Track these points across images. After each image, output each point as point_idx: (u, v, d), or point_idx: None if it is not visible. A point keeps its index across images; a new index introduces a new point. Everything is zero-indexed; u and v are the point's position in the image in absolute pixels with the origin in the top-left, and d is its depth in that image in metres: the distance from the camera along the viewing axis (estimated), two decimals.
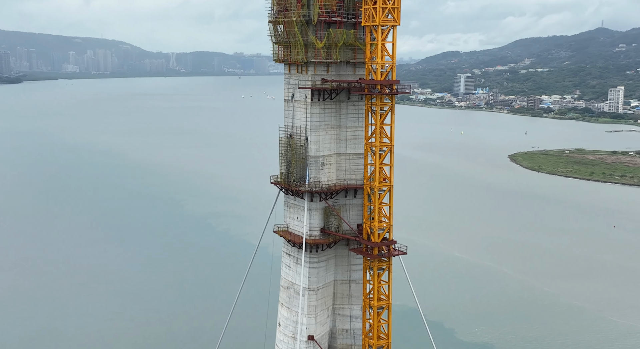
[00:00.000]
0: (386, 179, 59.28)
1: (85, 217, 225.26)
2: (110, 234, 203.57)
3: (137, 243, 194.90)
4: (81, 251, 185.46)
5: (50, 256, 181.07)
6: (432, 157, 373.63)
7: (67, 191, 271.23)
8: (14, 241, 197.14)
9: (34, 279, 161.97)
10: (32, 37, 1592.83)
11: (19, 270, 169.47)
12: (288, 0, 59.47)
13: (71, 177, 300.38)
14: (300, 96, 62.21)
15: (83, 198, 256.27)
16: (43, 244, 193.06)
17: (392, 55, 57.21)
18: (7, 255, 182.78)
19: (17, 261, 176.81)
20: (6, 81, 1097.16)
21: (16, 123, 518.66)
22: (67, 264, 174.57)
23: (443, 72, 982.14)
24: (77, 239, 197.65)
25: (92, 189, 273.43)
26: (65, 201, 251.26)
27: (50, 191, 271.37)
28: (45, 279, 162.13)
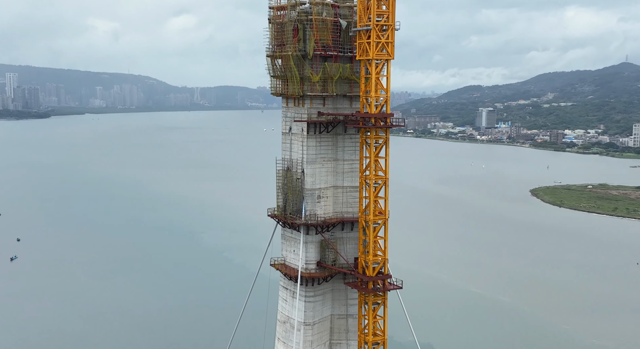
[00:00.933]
0: (381, 213, 58.93)
1: (104, 249, 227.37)
2: (125, 266, 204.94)
3: (146, 274, 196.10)
4: (97, 282, 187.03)
5: (68, 286, 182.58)
6: (452, 191, 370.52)
7: (89, 222, 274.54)
8: (34, 271, 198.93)
9: (53, 307, 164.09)
10: (62, 73, 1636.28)
11: (37, 299, 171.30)
12: (285, 35, 60.41)
13: (93, 209, 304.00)
14: (297, 129, 62.64)
15: (103, 230, 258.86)
16: (63, 274, 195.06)
17: (386, 88, 57.49)
18: (27, 284, 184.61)
19: (37, 290, 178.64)
20: (35, 116, 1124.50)
21: (42, 157, 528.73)
22: (83, 294, 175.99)
23: (465, 106, 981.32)
24: (95, 270, 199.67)
25: (112, 221, 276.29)
26: (87, 233, 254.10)
27: (72, 222, 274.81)
28: (62, 307, 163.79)
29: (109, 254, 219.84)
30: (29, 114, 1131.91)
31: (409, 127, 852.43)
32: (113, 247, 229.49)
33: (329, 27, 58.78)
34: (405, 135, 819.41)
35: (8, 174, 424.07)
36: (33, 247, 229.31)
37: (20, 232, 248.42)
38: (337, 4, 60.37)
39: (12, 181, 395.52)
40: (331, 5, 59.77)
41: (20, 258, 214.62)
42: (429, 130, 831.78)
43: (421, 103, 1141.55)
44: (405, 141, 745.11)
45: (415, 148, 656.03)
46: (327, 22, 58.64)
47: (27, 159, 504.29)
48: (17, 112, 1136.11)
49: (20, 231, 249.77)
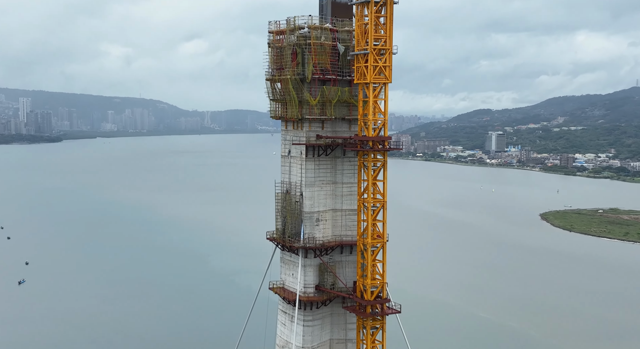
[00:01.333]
0: (380, 236, 58.53)
1: (111, 272, 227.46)
2: (130, 289, 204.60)
3: (150, 297, 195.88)
4: (103, 305, 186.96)
5: (75, 310, 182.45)
6: (460, 214, 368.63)
7: (97, 246, 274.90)
8: (42, 295, 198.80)
9: (60, 330, 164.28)
10: (74, 98, 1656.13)
11: (45, 322, 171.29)
12: (284, 59, 60.86)
13: (101, 233, 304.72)
14: (296, 152, 62.70)
15: (110, 253, 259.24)
16: (71, 297, 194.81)
17: (384, 112, 57.58)
18: (34, 307, 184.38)
19: (44, 314, 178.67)
20: (47, 140, 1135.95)
21: (52, 180, 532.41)
22: (89, 317, 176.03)
23: (474, 129, 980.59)
24: (101, 293, 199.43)
25: (120, 244, 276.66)
26: (94, 256, 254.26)
27: (80, 246, 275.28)
28: (68, 331, 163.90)
29: (115, 278, 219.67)
30: (41, 138, 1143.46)
31: (419, 150, 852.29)
32: (120, 271, 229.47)
33: (328, 51, 59.19)
34: (415, 158, 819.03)
35: (18, 198, 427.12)
36: (41, 270, 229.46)
37: (28, 255, 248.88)
38: (336, 29, 60.85)
39: (22, 204, 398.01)
40: (330, 30, 60.26)
41: (28, 282, 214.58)
42: (438, 153, 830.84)
43: (431, 127, 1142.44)
44: (414, 165, 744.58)
45: (424, 171, 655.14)
46: (326, 46, 59.05)
47: (38, 183, 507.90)
48: (30, 136, 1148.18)
49: (28, 255, 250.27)
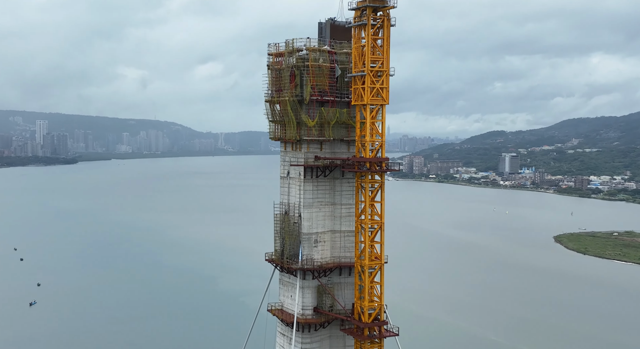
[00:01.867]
0: (377, 258, 58.18)
1: (120, 293, 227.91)
2: (138, 311, 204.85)
3: (159, 319, 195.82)
4: (111, 325, 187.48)
5: (85, 331, 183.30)
6: (472, 236, 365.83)
7: (108, 267, 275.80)
8: (52, 317, 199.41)
9: None
10: (90, 120, 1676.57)
11: (54, 344, 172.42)
12: (282, 81, 61.32)
13: (112, 254, 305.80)
14: (294, 173, 62.83)
15: (120, 275, 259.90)
16: (80, 319, 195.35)
17: (382, 133, 57.62)
18: (46, 329, 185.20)
19: (54, 335, 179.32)
20: (63, 162, 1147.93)
21: (66, 202, 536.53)
22: (96, 338, 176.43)
23: (488, 151, 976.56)
24: (110, 315, 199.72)
25: (129, 265, 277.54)
26: (105, 278, 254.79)
27: (92, 267, 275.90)
28: None
29: (124, 299, 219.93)
30: (57, 160, 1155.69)
31: (432, 172, 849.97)
32: (128, 292, 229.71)
33: (326, 73, 59.55)
34: (428, 180, 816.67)
35: (32, 219, 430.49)
36: (53, 292, 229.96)
37: (40, 277, 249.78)
38: (334, 51, 61.30)
39: (35, 225, 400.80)
40: (328, 52, 60.71)
41: (39, 303, 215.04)
42: (451, 175, 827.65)
43: (444, 148, 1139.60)
44: (427, 186, 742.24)
45: (436, 193, 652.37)
46: (324, 68, 59.43)
47: (52, 204, 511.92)
48: (46, 158, 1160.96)
49: (40, 276, 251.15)
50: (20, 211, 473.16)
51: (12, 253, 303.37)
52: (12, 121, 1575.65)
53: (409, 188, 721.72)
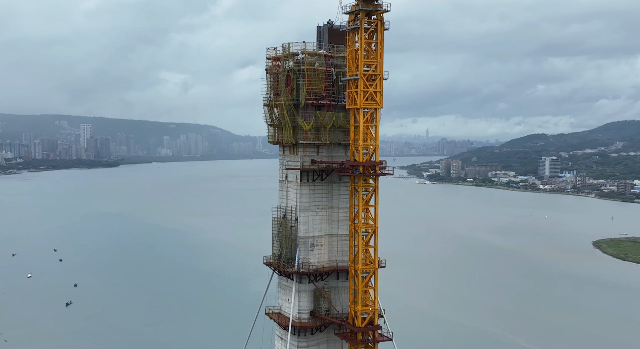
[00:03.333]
0: (372, 262, 57.85)
1: (154, 295, 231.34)
2: (169, 313, 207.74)
3: (188, 321, 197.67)
4: (144, 327, 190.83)
5: (118, 330, 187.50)
6: (508, 241, 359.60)
7: (142, 268, 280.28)
8: (87, 316, 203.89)
9: None
10: (132, 124, 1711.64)
11: (87, 343, 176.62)
12: (279, 85, 61.65)
13: (147, 256, 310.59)
14: (292, 177, 63.04)
15: (155, 276, 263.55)
16: (113, 319, 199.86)
17: (376, 137, 57.34)
18: (80, 328, 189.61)
19: (88, 335, 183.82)
20: (105, 165, 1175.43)
21: (106, 204, 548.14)
22: (128, 337, 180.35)
23: (528, 154, 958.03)
24: (144, 316, 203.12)
25: (164, 267, 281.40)
26: (140, 279, 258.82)
27: (128, 268, 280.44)
28: None
29: (157, 300, 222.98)
30: (99, 163, 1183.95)
31: (469, 175, 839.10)
32: (162, 294, 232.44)
33: (321, 77, 59.62)
34: (465, 183, 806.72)
35: (73, 221, 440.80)
36: (88, 292, 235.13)
37: (77, 278, 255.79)
38: (331, 54, 61.31)
39: (75, 227, 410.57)
40: (324, 56, 60.76)
41: (75, 303, 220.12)
42: (489, 179, 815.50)
43: (483, 152, 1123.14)
44: (463, 190, 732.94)
45: (473, 197, 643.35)
46: (319, 72, 59.52)
47: (92, 207, 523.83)
48: (89, 161, 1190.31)
49: (78, 277, 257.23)
50: (62, 213, 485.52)
51: (52, 254, 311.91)
52: (58, 125, 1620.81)
53: (444, 192, 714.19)
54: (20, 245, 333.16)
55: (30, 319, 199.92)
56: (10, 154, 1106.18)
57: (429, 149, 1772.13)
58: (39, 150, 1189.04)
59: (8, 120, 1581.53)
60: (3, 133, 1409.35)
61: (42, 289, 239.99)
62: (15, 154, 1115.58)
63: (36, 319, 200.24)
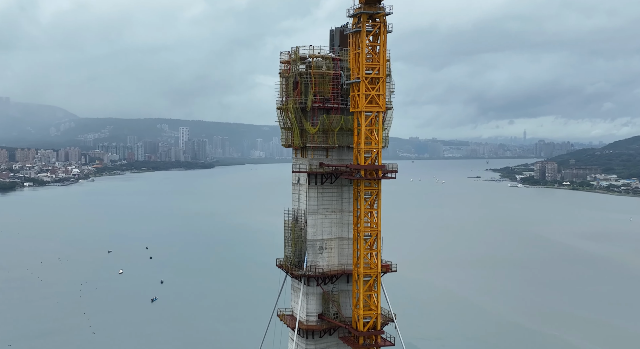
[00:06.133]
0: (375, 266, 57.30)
1: (225, 294, 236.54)
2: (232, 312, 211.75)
3: None
4: (220, 325, 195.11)
5: (199, 329, 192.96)
6: (601, 247, 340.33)
7: (215, 267, 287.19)
8: (171, 311, 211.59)
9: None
10: (228, 127, 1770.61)
11: (169, 339, 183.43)
12: (288, 88, 62.37)
13: (230, 256, 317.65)
14: (303, 180, 63.52)
15: (234, 276, 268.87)
16: (194, 317, 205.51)
17: (379, 140, 56.74)
18: (163, 324, 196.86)
19: (170, 330, 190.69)
20: (201, 166, 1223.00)
21: (198, 204, 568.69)
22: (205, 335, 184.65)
23: (632, 157, 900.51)
24: (218, 315, 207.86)
25: (244, 267, 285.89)
26: (220, 278, 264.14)
27: (209, 267, 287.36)
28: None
29: (235, 299, 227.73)
30: (196, 165, 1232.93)
31: (566, 178, 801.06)
32: (244, 293, 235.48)
33: (329, 80, 59.72)
34: (561, 187, 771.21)
35: (166, 220, 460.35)
36: (173, 289, 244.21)
37: (164, 275, 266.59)
38: (339, 58, 61.27)
39: (168, 226, 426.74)
40: (333, 59, 60.82)
41: (160, 300, 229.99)
42: (588, 182, 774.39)
43: (582, 154, 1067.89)
44: (558, 194, 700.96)
45: (567, 201, 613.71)
46: (326, 75, 59.64)
47: (185, 206, 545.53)
48: (187, 163, 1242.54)
49: (165, 274, 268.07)
50: (158, 212, 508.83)
51: (144, 252, 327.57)
52: (160, 128, 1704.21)
53: (537, 195, 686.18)
54: (116, 242, 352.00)
55: (116, 313, 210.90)
56: (116, 155, 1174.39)
57: (525, 152, 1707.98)
58: (141, 152, 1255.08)
59: (115, 124, 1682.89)
60: (110, 136, 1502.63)
61: (131, 285, 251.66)
62: (120, 156, 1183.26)
63: (122, 313, 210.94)
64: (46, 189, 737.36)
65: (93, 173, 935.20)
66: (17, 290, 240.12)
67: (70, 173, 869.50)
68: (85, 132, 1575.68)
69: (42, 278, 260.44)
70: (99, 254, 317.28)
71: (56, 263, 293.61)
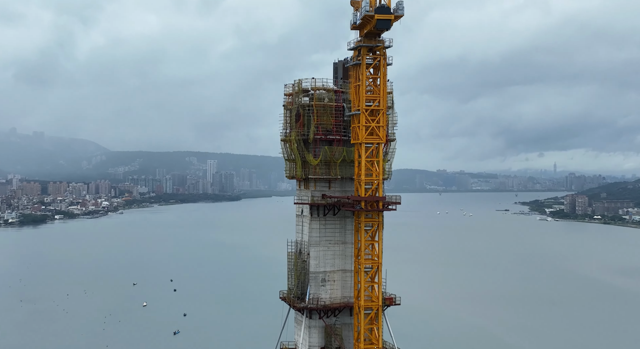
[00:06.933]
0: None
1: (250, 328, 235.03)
2: None
3: None
4: None
5: None
6: (636, 284, 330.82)
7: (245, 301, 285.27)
8: (192, 344, 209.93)
9: None
10: (255, 159, 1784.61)
11: None
12: (290, 120, 62.93)
13: (250, 289, 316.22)
14: (306, 211, 63.51)
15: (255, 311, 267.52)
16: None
17: (379, 172, 56.62)
18: None
19: None
20: (228, 199, 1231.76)
21: (223, 236, 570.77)
22: None
23: None
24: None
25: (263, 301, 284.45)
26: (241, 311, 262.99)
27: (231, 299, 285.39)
28: None
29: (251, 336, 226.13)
30: (223, 197, 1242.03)
31: (597, 212, 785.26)
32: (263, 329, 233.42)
33: (331, 112, 60.12)
34: (592, 221, 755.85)
35: (192, 252, 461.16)
36: (196, 322, 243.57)
37: (188, 307, 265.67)
38: (342, 90, 61.76)
39: (194, 258, 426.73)
40: (335, 91, 61.32)
41: (182, 333, 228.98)
42: (620, 216, 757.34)
43: (614, 187, 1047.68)
44: (589, 228, 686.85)
45: (598, 235, 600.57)
46: (328, 107, 60.08)
47: (211, 238, 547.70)
48: (214, 195, 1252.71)
49: (188, 307, 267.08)
50: (184, 244, 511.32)
51: (168, 284, 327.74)
52: (188, 161, 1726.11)
53: (566, 229, 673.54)
54: (141, 274, 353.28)
55: (138, 346, 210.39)
56: (145, 188, 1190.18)
57: (555, 185, 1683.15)
58: (169, 185, 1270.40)
59: (145, 157, 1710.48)
60: (140, 169, 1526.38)
61: (154, 318, 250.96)
62: (149, 189, 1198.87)
63: (144, 346, 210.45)
64: (76, 221, 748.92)
65: (122, 206, 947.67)
66: (42, 322, 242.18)
67: (100, 206, 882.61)
68: (115, 165, 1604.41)
69: (68, 310, 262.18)
70: (124, 287, 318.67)
71: (82, 295, 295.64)
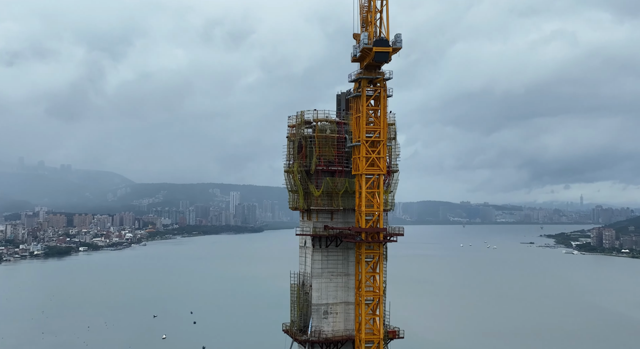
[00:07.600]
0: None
1: None
2: None
3: None
4: None
5: None
6: None
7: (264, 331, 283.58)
8: None
9: None
10: (277, 191, 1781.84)
11: None
12: (293, 152, 63.23)
13: (270, 320, 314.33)
14: (309, 243, 63.32)
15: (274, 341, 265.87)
16: None
17: (379, 203, 56.38)
18: None
19: None
20: (251, 230, 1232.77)
21: (245, 268, 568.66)
22: None
23: None
24: None
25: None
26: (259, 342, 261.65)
27: (251, 331, 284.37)
28: None
29: None
30: (245, 229, 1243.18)
31: (625, 245, 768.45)
32: None
33: (333, 144, 60.30)
34: (620, 255, 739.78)
35: (213, 284, 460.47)
36: None
37: (207, 340, 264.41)
38: (344, 121, 62.05)
39: (214, 290, 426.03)
40: (337, 123, 61.63)
41: None
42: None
43: (636, 221, 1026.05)
44: (616, 261, 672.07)
45: (626, 269, 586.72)
46: (330, 138, 60.31)
47: (233, 270, 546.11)
48: (236, 227, 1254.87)
49: (207, 339, 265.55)
50: (204, 276, 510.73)
51: (188, 316, 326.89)
52: (211, 192, 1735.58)
53: (593, 263, 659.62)
54: (162, 306, 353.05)
55: None
56: (168, 220, 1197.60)
57: (582, 217, 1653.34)
58: (192, 216, 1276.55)
59: (169, 189, 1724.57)
60: (164, 201, 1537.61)
61: None
62: (172, 220, 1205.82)
63: None
64: (99, 253, 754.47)
65: (145, 237, 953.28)
66: None
67: (124, 237, 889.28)
68: (140, 198, 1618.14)
69: (88, 342, 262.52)
70: (144, 319, 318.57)
71: (102, 327, 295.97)
